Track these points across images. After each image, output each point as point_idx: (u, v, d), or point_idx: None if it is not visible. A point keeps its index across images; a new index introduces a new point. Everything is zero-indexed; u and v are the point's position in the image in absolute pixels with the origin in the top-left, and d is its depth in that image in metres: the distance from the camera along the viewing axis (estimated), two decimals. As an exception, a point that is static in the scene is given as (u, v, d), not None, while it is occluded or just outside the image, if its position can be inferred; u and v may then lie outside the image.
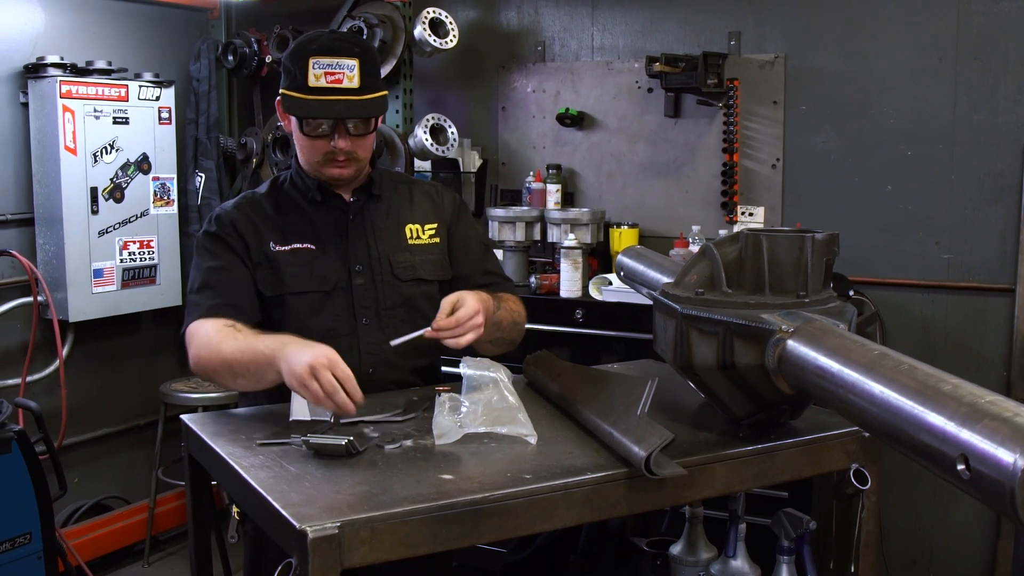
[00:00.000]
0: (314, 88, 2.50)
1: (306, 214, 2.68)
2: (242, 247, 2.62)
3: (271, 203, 2.71)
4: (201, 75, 5.34)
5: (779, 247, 2.13)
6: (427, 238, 2.75)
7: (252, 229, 2.64)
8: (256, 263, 2.62)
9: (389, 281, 2.66)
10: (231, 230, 2.64)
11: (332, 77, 2.50)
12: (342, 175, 2.63)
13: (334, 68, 2.50)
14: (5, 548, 3.56)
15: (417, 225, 2.75)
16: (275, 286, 2.61)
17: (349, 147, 2.57)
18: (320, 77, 2.50)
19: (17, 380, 4.61)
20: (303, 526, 1.63)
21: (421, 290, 2.69)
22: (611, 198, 4.99)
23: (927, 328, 4.37)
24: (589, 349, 4.31)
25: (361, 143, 2.60)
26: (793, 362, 1.86)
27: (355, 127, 2.57)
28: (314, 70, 2.50)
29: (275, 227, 2.65)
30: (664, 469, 1.85)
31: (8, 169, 4.70)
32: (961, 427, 1.36)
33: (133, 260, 4.94)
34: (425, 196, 2.82)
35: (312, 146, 2.59)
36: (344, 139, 2.56)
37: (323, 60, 2.50)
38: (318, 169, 2.63)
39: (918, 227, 4.34)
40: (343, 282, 2.62)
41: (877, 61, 4.38)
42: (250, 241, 2.63)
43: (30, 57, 4.68)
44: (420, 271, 2.70)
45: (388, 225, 2.72)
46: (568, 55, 5.09)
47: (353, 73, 2.51)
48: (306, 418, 2.22)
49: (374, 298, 2.64)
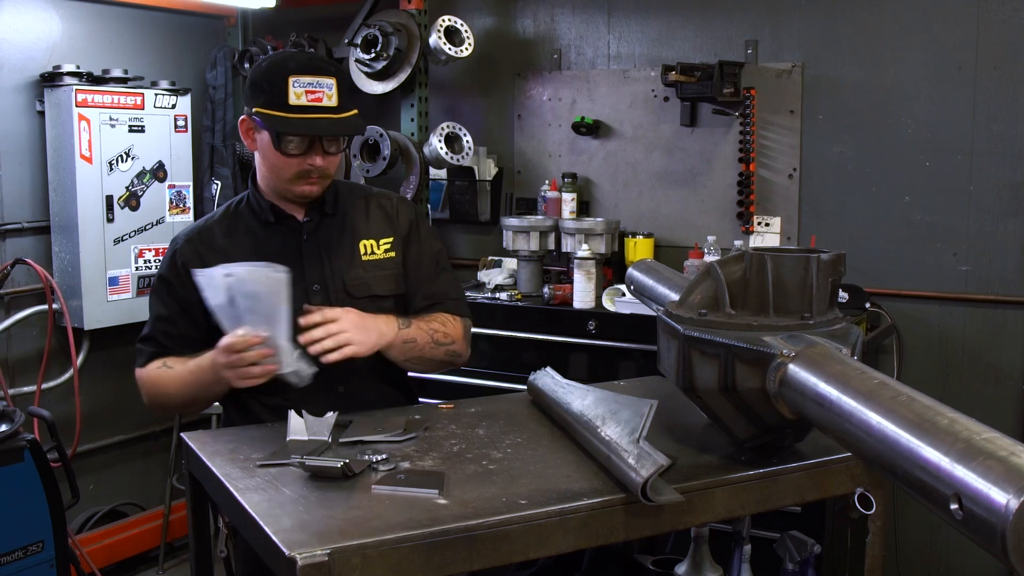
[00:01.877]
0: (295, 106, 2.50)
1: (258, 238, 2.69)
2: (188, 291, 2.59)
3: (223, 230, 2.71)
4: (217, 83, 5.35)
5: (784, 267, 2.10)
6: (382, 253, 2.74)
7: (202, 262, 2.59)
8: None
9: (343, 299, 2.64)
10: (179, 272, 2.66)
11: (313, 96, 2.51)
12: (312, 192, 2.65)
13: (314, 87, 2.51)
14: (18, 556, 3.57)
15: (372, 240, 2.74)
16: None
17: (324, 165, 2.60)
18: (301, 95, 2.50)
19: (33, 387, 4.62)
20: (292, 553, 1.62)
21: (377, 306, 2.66)
22: (627, 207, 4.96)
23: (944, 341, 4.32)
24: (601, 361, 4.29)
25: (333, 160, 2.64)
26: (793, 387, 1.83)
27: (330, 145, 2.60)
28: (294, 88, 2.50)
29: (224, 257, 2.57)
30: (661, 495, 1.83)
31: (24, 177, 4.71)
32: (955, 464, 1.32)
33: (148, 268, 4.94)
34: (380, 210, 2.80)
35: (286, 164, 2.58)
36: (320, 157, 2.58)
37: (303, 79, 2.51)
38: (286, 187, 2.63)
39: (936, 238, 4.30)
40: (298, 302, 2.54)
41: (895, 70, 4.34)
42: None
43: (46, 66, 4.69)
44: (373, 287, 2.69)
45: (342, 243, 2.72)
46: (584, 63, 5.07)
47: (332, 92, 2.54)
48: (303, 437, 2.21)
49: None
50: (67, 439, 4.43)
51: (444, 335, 2.66)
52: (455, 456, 2.14)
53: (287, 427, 2.25)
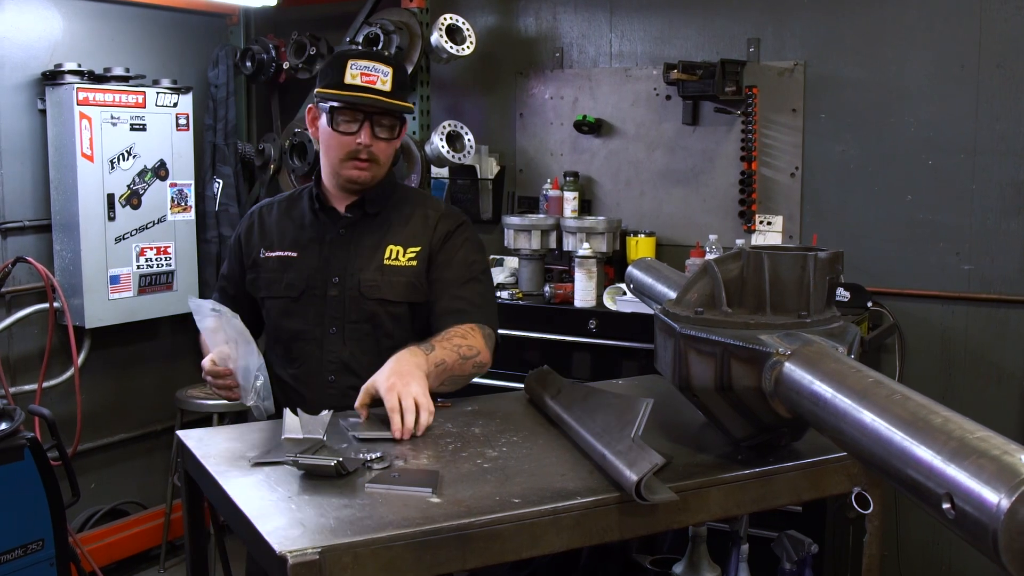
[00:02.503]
0: (350, 85, 2.67)
1: (301, 224, 2.86)
2: (240, 255, 2.92)
3: (281, 210, 2.93)
4: (219, 81, 5.35)
5: (781, 266, 2.08)
6: (405, 260, 2.77)
7: (251, 236, 2.90)
8: (247, 267, 2.89)
9: (355, 297, 2.74)
10: (238, 239, 2.96)
11: (367, 78, 2.67)
12: (361, 176, 2.74)
13: (370, 71, 2.68)
14: (18, 555, 3.57)
15: (399, 247, 2.78)
16: (256, 289, 2.86)
17: (372, 145, 2.70)
18: (356, 76, 2.67)
19: (34, 386, 4.62)
20: (283, 551, 1.61)
21: (386, 310, 2.74)
22: (628, 206, 4.95)
23: (947, 340, 4.30)
24: (602, 360, 4.28)
25: (383, 147, 2.74)
26: (789, 386, 1.81)
27: (380, 130, 2.71)
28: (351, 70, 2.67)
29: (269, 234, 2.88)
30: (656, 494, 1.82)
31: (26, 176, 4.72)
32: (948, 463, 1.31)
33: (150, 266, 4.95)
34: (422, 219, 2.83)
35: (339, 142, 2.71)
36: (369, 136, 2.69)
37: (361, 62, 2.68)
38: (339, 170, 2.75)
39: (938, 237, 4.28)
40: (317, 291, 2.77)
41: (898, 69, 4.32)
42: (246, 248, 2.90)
43: (48, 64, 4.70)
44: (385, 291, 2.74)
45: (371, 242, 2.79)
46: (586, 62, 5.06)
47: (387, 78, 2.69)
48: (298, 435, 2.20)
49: (342, 310, 2.75)
50: (68, 438, 4.43)
51: (468, 348, 2.62)
52: (450, 454, 2.13)
53: (282, 425, 2.25)
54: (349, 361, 2.74)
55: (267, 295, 2.83)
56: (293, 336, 2.79)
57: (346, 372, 2.74)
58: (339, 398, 2.62)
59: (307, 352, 2.77)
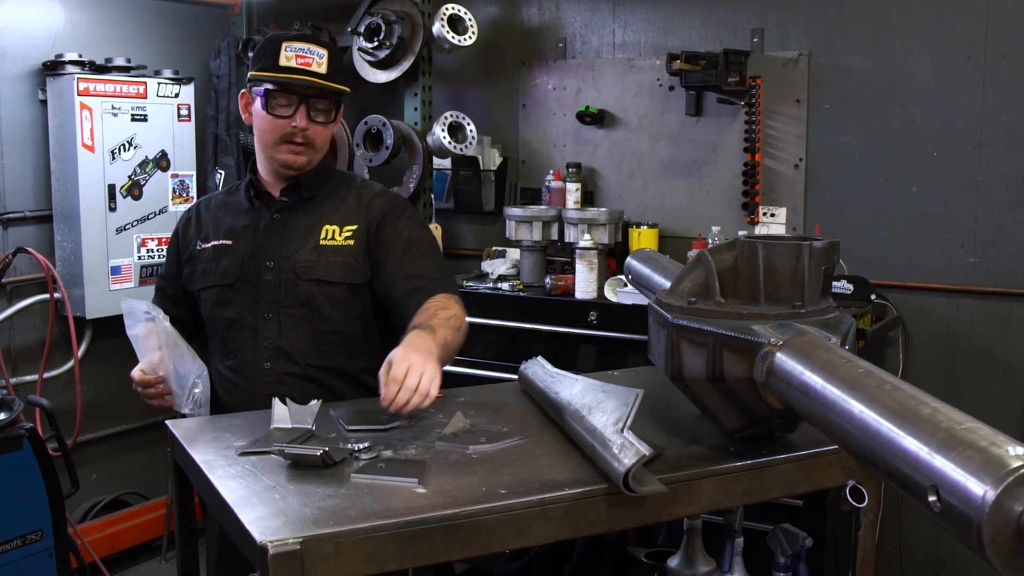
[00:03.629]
0: (284, 67, 2.62)
1: (237, 213, 2.82)
2: (177, 251, 2.89)
3: (219, 202, 2.90)
4: (221, 72, 5.33)
5: (775, 255, 2.06)
6: (341, 240, 2.72)
7: (188, 230, 2.87)
8: (184, 262, 2.85)
9: (291, 279, 2.69)
10: (176, 235, 2.93)
11: (303, 60, 2.63)
12: (296, 161, 2.71)
13: (305, 52, 2.64)
14: (16, 544, 3.56)
15: (335, 227, 2.73)
16: (192, 282, 2.82)
17: (308, 130, 2.67)
18: (291, 59, 2.62)
19: (34, 376, 4.62)
20: (264, 541, 1.59)
21: (322, 291, 2.69)
22: (631, 197, 4.92)
23: (951, 334, 4.27)
24: (602, 352, 4.25)
25: (319, 131, 2.71)
26: (780, 376, 1.79)
27: (316, 113, 2.68)
28: (286, 52, 2.63)
29: (205, 226, 2.84)
30: (644, 486, 1.79)
31: (26, 166, 4.70)
32: (934, 454, 1.28)
33: (151, 257, 4.93)
34: (357, 199, 2.80)
35: (273, 126, 2.67)
36: (304, 119, 2.65)
37: (296, 44, 2.64)
38: (273, 154, 2.71)
39: (943, 229, 4.24)
40: (251, 277, 2.73)
41: (903, 59, 4.28)
42: (183, 243, 2.88)
43: (49, 54, 4.68)
44: (321, 272, 2.69)
45: (305, 225, 2.74)
46: (589, 52, 5.03)
47: (322, 60, 2.65)
48: (287, 425, 2.19)
49: (278, 295, 2.70)
50: (69, 428, 4.43)
51: (455, 318, 2.57)
52: (439, 445, 2.11)
53: (271, 415, 2.23)
54: (285, 347, 2.69)
55: (202, 285, 2.79)
56: (228, 325, 2.74)
57: (282, 358, 2.69)
58: (275, 385, 2.63)
59: (242, 340, 2.72)
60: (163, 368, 2.59)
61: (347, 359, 2.73)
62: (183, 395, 2.56)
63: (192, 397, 2.55)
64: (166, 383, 2.62)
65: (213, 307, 2.77)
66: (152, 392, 2.63)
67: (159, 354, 2.60)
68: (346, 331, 2.72)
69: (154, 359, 2.60)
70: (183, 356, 2.57)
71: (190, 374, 2.56)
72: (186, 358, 2.58)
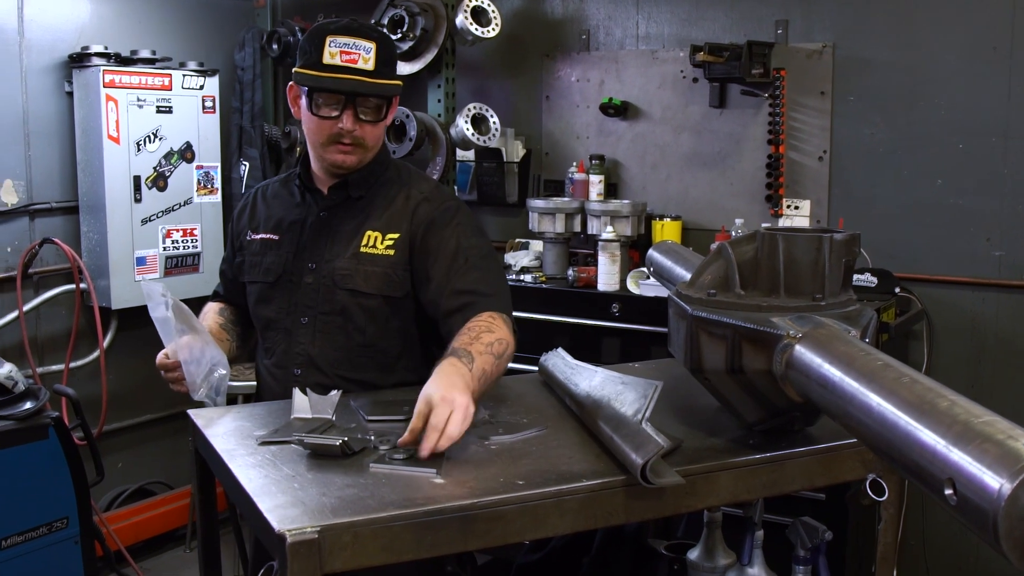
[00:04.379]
0: (328, 65, 2.45)
1: (288, 206, 2.72)
2: (232, 237, 2.84)
3: (273, 190, 2.81)
4: (246, 64, 5.35)
5: (796, 247, 2.05)
6: (382, 248, 2.57)
7: (242, 217, 2.80)
8: (236, 250, 2.79)
9: (329, 286, 2.58)
10: (233, 221, 2.86)
11: (348, 56, 2.45)
12: (346, 161, 2.56)
13: (350, 48, 2.45)
14: (42, 532, 3.60)
15: (378, 233, 2.59)
16: (241, 273, 2.76)
17: (356, 131, 2.52)
18: (335, 55, 2.45)
19: (61, 366, 4.67)
20: (282, 529, 1.60)
21: (357, 301, 2.56)
22: (654, 189, 4.91)
23: (976, 327, 4.24)
24: (625, 344, 4.25)
25: (370, 130, 2.55)
26: (799, 369, 1.78)
27: (364, 112, 2.52)
28: (330, 48, 2.45)
29: (258, 215, 2.77)
30: (661, 478, 1.79)
31: (53, 158, 4.74)
32: (951, 447, 1.28)
33: (176, 248, 4.96)
34: (404, 202, 2.63)
35: (319, 126, 2.53)
36: (351, 121, 2.50)
37: (340, 39, 2.45)
38: (322, 154, 2.58)
39: (969, 222, 4.21)
40: (294, 277, 2.62)
41: (929, 50, 4.25)
42: (236, 230, 2.81)
43: (75, 47, 4.71)
44: (359, 281, 2.56)
45: (349, 228, 2.62)
46: (613, 44, 5.02)
47: (369, 56, 2.46)
48: (307, 415, 2.20)
49: (315, 300, 2.60)
50: (95, 418, 4.47)
51: (499, 343, 2.32)
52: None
53: (291, 405, 2.24)
54: (316, 356, 2.58)
55: (249, 279, 2.71)
56: (265, 324, 2.68)
57: (311, 367, 2.59)
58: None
59: (277, 342, 2.64)
60: (180, 353, 2.51)
61: (380, 373, 2.60)
62: (197, 381, 2.47)
63: (207, 384, 2.46)
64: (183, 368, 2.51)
65: (255, 303, 2.70)
66: (171, 376, 2.54)
67: (186, 338, 2.53)
68: (380, 344, 2.59)
69: (181, 342, 2.52)
70: (196, 341, 2.49)
71: (203, 360, 2.47)
72: (198, 343, 2.49)
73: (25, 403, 3.60)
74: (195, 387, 2.47)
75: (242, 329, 2.86)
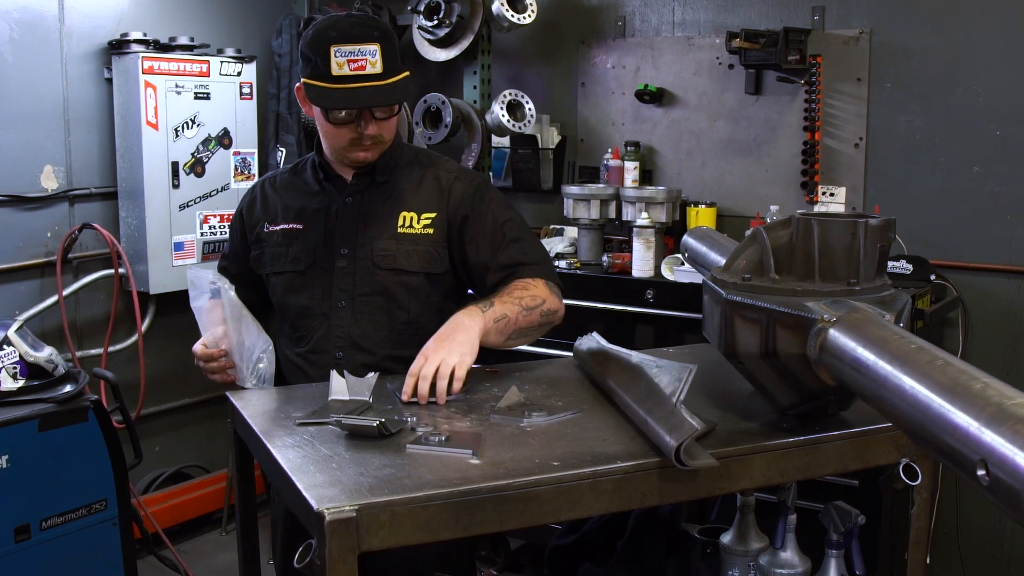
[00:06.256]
0: (338, 76, 2.48)
1: (306, 195, 2.74)
2: (243, 231, 2.83)
3: (284, 182, 2.82)
4: (283, 50, 5.37)
5: (831, 232, 2.05)
6: (420, 228, 2.64)
7: (253, 210, 2.80)
8: (251, 243, 2.79)
9: (367, 268, 2.62)
10: (239, 214, 2.86)
11: (355, 64, 2.48)
12: (367, 158, 2.63)
13: (356, 55, 2.47)
14: (82, 514, 3.64)
15: (413, 213, 2.65)
16: (261, 266, 2.76)
17: (376, 131, 2.58)
18: (343, 65, 2.48)
19: (99, 350, 4.72)
20: (320, 508, 1.63)
21: (400, 280, 2.62)
22: (689, 176, 4.91)
23: (1012, 315, 4.21)
24: (659, 330, 4.25)
25: (386, 125, 2.61)
26: (833, 353, 1.79)
27: (381, 111, 2.57)
28: (336, 58, 2.47)
29: (272, 207, 2.77)
30: (695, 460, 1.80)
31: (92, 144, 4.79)
32: (984, 429, 1.28)
33: (213, 233, 5.01)
34: (435, 182, 2.70)
35: (337, 134, 2.59)
36: (370, 124, 2.56)
37: (345, 48, 2.48)
38: (342, 154, 2.64)
39: (1006, 210, 4.18)
40: (325, 263, 2.66)
41: (967, 37, 4.21)
42: (249, 223, 2.81)
43: (114, 33, 4.76)
44: (400, 261, 2.62)
45: (382, 211, 2.67)
46: (648, 30, 5.01)
47: (375, 59, 2.49)
48: (344, 397, 2.22)
49: (352, 283, 2.64)
50: (132, 401, 4.52)
51: (531, 298, 2.53)
52: (493, 418, 2.13)
53: (329, 387, 2.27)
54: (359, 338, 2.62)
55: (272, 271, 2.73)
56: (300, 312, 2.69)
57: (354, 349, 2.63)
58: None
59: (313, 328, 2.66)
60: (226, 342, 2.56)
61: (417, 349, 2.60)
62: (247, 369, 2.52)
63: (256, 371, 2.51)
64: (229, 356, 2.57)
65: (284, 293, 2.71)
66: (214, 366, 2.59)
67: (222, 328, 2.57)
68: (422, 320, 2.63)
69: (217, 333, 2.57)
70: (249, 329, 2.53)
71: (255, 348, 2.52)
72: (252, 331, 2.53)
73: (65, 386, 3.64)
74: (244, 376, 2.53)
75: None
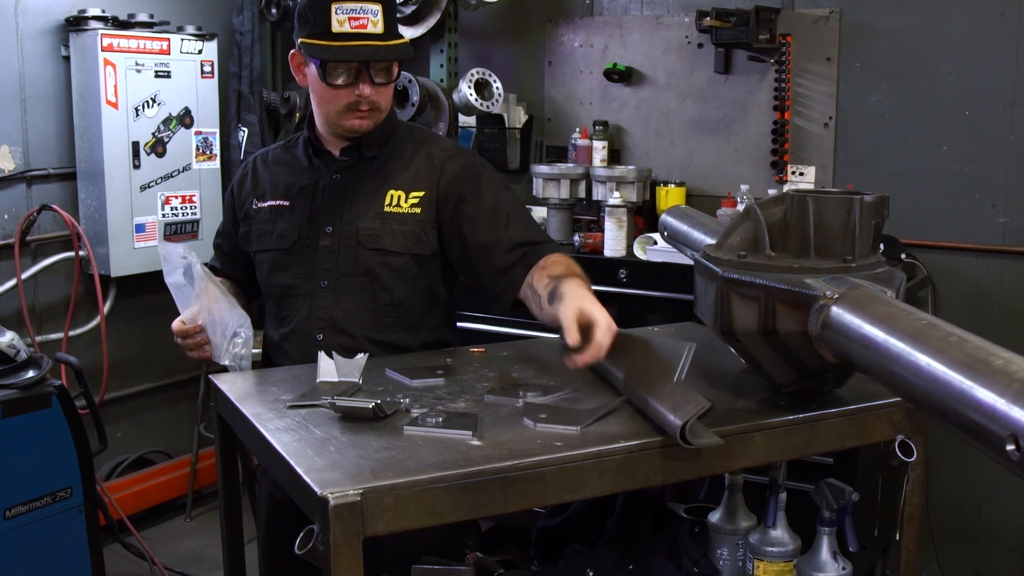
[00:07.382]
0: (339, 33, 2.42)
1: (295, 171, 2.67)
2: (233, 208, 2.77)
3: (275, 157, 2.76)
4: (244, 28, 5.28)
5: (826, 209, 2.04)
6: (407, 207, 2.55)
7: (244, 186, 2.74)
8: (240, 220, 2.73)
9: (351, 247, 2.55)
10: (231, 191, 2.80)
11: (357, 22, 2.42)
12: (363, 126, 2.55)
13: (358, 13, 2.42)
14: (46, 502, 3.57)
15: (400, 192, 2.57)
16: (248, 243, 2.71)
17: (373, 95, 2.50)
18: (344, 22, 2.42)
19: (60, 335, 4.63)
20: (324, 492, 1.59)
21: (384, 260, 2.54)
22: (658, 156, 4.89)
23: (980, 294, 4.25)
24: (632, 310, 4.23)
25: (384, 92, 2.54)
26: (837, 329, 1.77)
27: (378, 75, 2.49)
28: (337, 15, 2.41)
29: (262, 183, 2.71)
30: (700, 438, 1.78)
31: (50, 123, 4.68)
32: (1012, 405, 1.27)
33: (175, 215, 4.92)
34: (427, 160, 2.61)
35: (334, 96, 2.50)
36: (368, 86, 2.48)
37: (346, 5, 2.42)
38: (337, 121, 2.56)
39: (974, 189, 4.21)
40: (309, 241, 2.59)
41: (936, 17, 4.23)
42: (239, 200, 2.75)
43: (71, 10, 4.64)
44: (385, 240, 2.53)
45: (369, 188, 2.59)
46: (617, 9, 4.98)
47: (377, 18, 2.44)
48: (333, 379, 2.18)
49: (335, 262, 2.57)
50: (95, 386, 4.43)
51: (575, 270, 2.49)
52: (488, 399, 2.10)
53: (317, 369, 2.22)
54: (340, 319, 2.55)
55: (258, 248, 2.66)
56: (282, 292, 2.62)
57: (335, 331, 2.55)
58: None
59: (296, 308, 2.59)
60: (203, 317, 2.48)
61: (406, 333, 2.59)
62: (223, 345, 2.43)
63: (233, 347, 2.42)
64: (204, 333, 2.51)
65: (269, 272, 2.64)
66: (191, 343, 2.52)
67: (199, 304, 2.50)
68: (407, 303, 2.57)
69: (194, 309, 2.50)
70: (221, 304, 2.45)
71: (230, 323, 2.42)
72: (223, 306, 2.45)
73: (28, 372, 3.56)
74: (220, 352, 2.43)
75: (244, 301, 2.79)
